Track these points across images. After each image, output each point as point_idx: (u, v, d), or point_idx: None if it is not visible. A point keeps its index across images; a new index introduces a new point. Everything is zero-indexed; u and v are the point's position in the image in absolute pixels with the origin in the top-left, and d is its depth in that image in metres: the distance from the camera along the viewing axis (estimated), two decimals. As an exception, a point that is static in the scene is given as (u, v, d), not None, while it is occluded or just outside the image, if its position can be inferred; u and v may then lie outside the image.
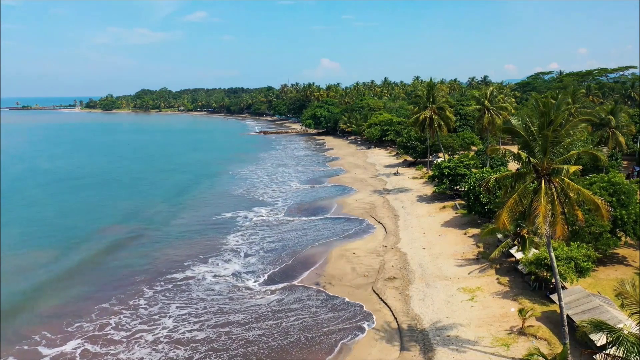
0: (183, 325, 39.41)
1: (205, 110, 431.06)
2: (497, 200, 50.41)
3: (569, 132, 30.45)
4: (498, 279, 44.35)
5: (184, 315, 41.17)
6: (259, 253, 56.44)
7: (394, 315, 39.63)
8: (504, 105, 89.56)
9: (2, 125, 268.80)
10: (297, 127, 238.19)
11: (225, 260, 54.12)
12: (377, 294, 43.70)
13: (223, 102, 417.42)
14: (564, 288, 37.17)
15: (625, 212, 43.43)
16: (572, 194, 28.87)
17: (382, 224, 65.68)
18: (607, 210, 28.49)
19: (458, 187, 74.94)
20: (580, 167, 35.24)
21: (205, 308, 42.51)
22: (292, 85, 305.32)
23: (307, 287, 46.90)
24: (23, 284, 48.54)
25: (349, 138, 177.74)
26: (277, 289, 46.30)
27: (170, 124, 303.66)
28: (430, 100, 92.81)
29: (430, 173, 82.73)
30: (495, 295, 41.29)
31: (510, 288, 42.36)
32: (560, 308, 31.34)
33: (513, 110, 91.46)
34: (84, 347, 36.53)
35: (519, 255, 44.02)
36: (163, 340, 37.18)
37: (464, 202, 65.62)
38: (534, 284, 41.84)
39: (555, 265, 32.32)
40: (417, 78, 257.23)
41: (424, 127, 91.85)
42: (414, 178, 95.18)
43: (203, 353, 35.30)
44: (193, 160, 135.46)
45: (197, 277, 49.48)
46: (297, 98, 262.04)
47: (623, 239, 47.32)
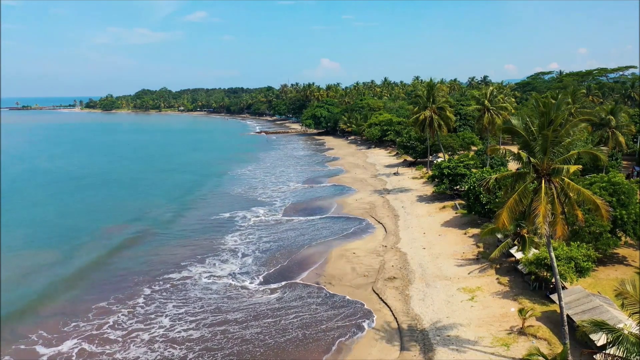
0: (179, 324, 39.44)
1: (205, 110, 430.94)
2: (497, 200, 50.41)
3: (569, 132, 30.42)
4: (498, 279, 44.33)
5: (181, 314, 41.19)
6: (256, 253, 56.31)
7: (394, 315, 39.62)
8: (504, 105, 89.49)
9: (2, 125, 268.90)
10: (297, 127, 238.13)
11: (223, 261, 54.05)
12: (377, 294, 43.69)
13: (223, 102, 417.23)
14: (564, 288, 37.15)
15: (625, 212, 43.43)
16: (572, 194, 28.85)
17: (382, 224, 65.67)
18: (607, 210, 28.49)
19: (458, 187, 74.92)
20: (580, 167, 35.23)
21: (203, 307, 42.48)
22: (292, 85, 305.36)
23: (307, 284, 46.98)
24: (22, 284, 48.45)
25: (349, 138, 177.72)
26: (276, 288, 46.25)
27: (170, 124, 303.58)
28: (430, 100, 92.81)
29: (430, 173, 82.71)
30: (495, 295, 41.27)
31: (510, 288, 42.34)
32: (561, 308, 31.33)
33: (513, 110, 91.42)
34: (81, 346, 36.53)
35: (519, 255, 44.00)
36: (159, 340, 37.17)
37: (464, 202, 65.61)
38: (534, 284, 41.82)
39: (555, 265, 32.30)
40: (417, 78, 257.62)
41: (424, 127, 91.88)
42: (414, 178, 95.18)
43: (197, 352, 35.29)
44: (193, 161, 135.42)
45: (194, 277, 49.44)
46: (297, 98, 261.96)
47: (623, 239, 47.30)
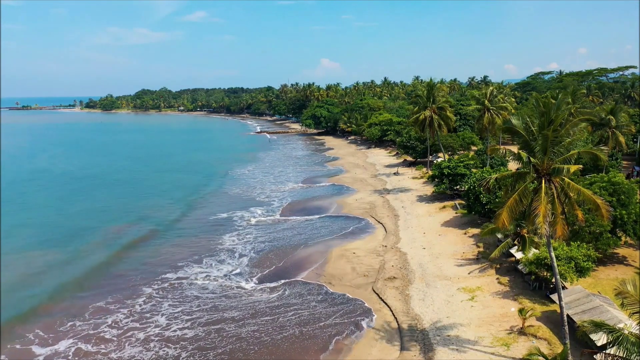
0: (175, 323, 39.57)
1: (205, 110, 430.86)
2: (497, 200, 50.41)
3: (569, 131, 30.40)
4: (498, 279, 44.32)
5: (177, 313, 41.30)
6: (254, 253, 56.18)
7: (394, 315, 39.61)
8: (504, 105, 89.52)
9: (2, 126, 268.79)
10: (297, 127, 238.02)
11: (220, 261, 53.91)
12: (377, 294, 43.68)
13: (223, 102, 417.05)
14: (564, 288, 37.14)
15: (625, 212, 43.43)
16: (572, 194, 28.84)
17: (382, 224, 65.66)
18: (607, 210, 28.47)
19: (458, 187, 74.92)
20: (581, 166, 35.20)
21: (200, 306, 42.54)
22: (292, 85, 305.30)
23: (307, 282, 47.08)
24: (22, 284, 48.42)
25: (349, 138, 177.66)
26: (276, 287, 46.30)
27: (170, 124, 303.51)
28: (430, 100, 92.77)
29: (430, 173, 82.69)
30: (495, 295, 41.27)
31: (511, 288, 42.33)
32: (561, 308, 31.32)
33: (513, 110, 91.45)
34: (77, 346, 36.51)
35: (519, 255, 43.99)
36: (154, 339, 37.20)
37: (464, 202, 65.60)
38: (534, 284, 41.81)
39: (556, 265, 32.29)
40: (417, 78, 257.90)
41: (424, 127, 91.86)
42: (414, 178, 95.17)
43: (190, 352, 35.33)
44: (192, 160, 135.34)
45: (192, 277, 49.42)
46: (297, 98, 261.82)
47: (623, 239, 47.31)
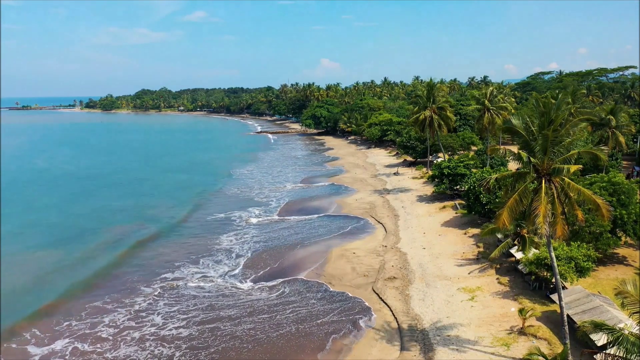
0: (172, 322, 39.61)
1: (205, 110, 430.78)
2: (497, 200, 50.40)
3: (569, 131, 30.43)
4: (498, 279, 44.32)
5: (173, 312, 41.32)
6: (254, 253, 56.13)
7: (394, 315, 39.61)
8: (504, 105, 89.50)
9: (2, 126, 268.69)
10: (297, 127, 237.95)
11: (217, 261, 53.84)
12: (377, 294, 43.68)
13: (223, 102, 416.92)
14: (564, 288, 37.13)
15: (626, 212, 43.42)
16: (572, 194, 28.83)
17: (382, 224, 65.65)
18: (607, 210, 28.46)
19: (458, 187, 74.91)
20: (581, 166, 35.22)
21: (196, 305, 42.59)
22: (292, 85, 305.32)
23: (306, 280, 47.10)
24: (20, 287, 48.30)
25: (349, 138, 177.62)
26: (275, 286, 46.31)
27: (170, 124, 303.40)
28: (430, 100, 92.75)
29: (430, 173, 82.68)
30: (496, 295, 41.26)
31: (511, 288, 42.33)
32: (561, 308, 31.32)
33: (513, 110, 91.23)
34: (74, 345, 36.48)
35: (519, 255, 43.99)
36: (150, 338, 37.21)
37: (464, 202, 65.58)
38: (534, 284, 41.81)
39: (556, 265, 32.28)
40: (417, 78, 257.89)
41: (424, 127, 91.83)
42: (414, 178, 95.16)
43: (184, 351, 35.33)
44: (192, 160, 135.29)
45: (189, 276, 49.40)
46: (297, 98, 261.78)
47: (623, 239, 47.29)
